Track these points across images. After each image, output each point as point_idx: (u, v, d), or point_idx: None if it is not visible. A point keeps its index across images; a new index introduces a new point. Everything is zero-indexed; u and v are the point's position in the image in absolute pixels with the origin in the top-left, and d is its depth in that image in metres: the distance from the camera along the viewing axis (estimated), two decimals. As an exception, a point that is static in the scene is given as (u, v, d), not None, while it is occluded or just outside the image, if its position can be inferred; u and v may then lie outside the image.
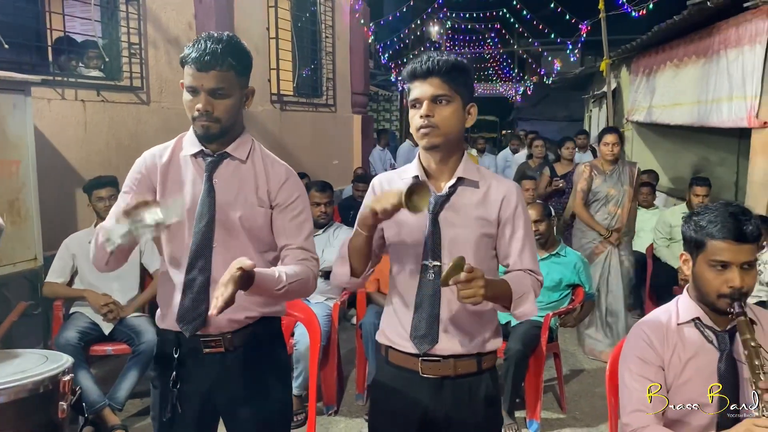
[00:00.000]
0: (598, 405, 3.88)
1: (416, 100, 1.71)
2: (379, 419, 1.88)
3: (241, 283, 1.54)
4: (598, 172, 4.78)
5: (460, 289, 1.53)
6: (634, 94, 8.80)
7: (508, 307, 1.71)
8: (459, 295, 1.54)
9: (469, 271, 1.51)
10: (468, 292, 1.53)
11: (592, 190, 4.75)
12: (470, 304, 1.57)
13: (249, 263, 1.53)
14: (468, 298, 1.53)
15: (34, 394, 1.68)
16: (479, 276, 1.53)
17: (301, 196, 1.89)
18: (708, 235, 1.65)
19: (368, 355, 3.72)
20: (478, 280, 1.53)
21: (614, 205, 4.72)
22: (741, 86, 5.69)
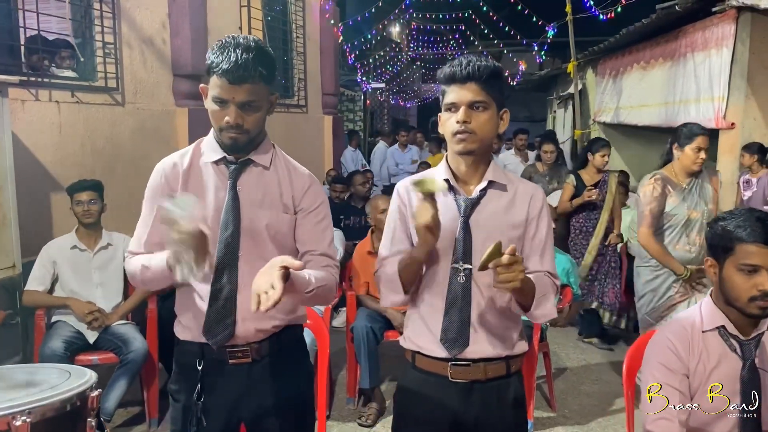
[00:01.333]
0: (586, 403, 3.95)
1: (453, 104, 1.70)
2: (407, 426, 1.86)
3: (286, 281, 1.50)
4: (672, 186, 3.46)
5: (501, 272, 1.51)
6: (601, 95, 9.00)
7: (528, 307, 1.72)
8: (498, 279, 1.53)
9: (511, 253, 1.51)
10: (508, 275, 1.51)
11: (666, 213, 3.46)
12: (506, 289, 1.56)
13: (297, 263, 1.49)
14: (507, 282, 1.52)
15: (62, 412, 1.61)
16: (520, 260, 1.53)
17: (324, 202, 1.86)
18: (737, 239, 1.67)
19: (359, 359, 3.70)
20: (519, 265, 1.53)
21: (698, 233, 3.44)
22: (708, 88, 5.88)
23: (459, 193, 1.76)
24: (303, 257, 1.82)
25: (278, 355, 1.82)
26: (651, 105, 7.26)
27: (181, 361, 1.83)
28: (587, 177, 4.90)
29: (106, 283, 3.56)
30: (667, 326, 1.84)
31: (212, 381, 1.77)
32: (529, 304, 1.70)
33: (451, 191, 1.77)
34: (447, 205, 1.75)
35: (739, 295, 1.68)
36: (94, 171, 4.33)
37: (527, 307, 1.71)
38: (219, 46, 1.67)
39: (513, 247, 1.52)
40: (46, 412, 1.59)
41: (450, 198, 1.76)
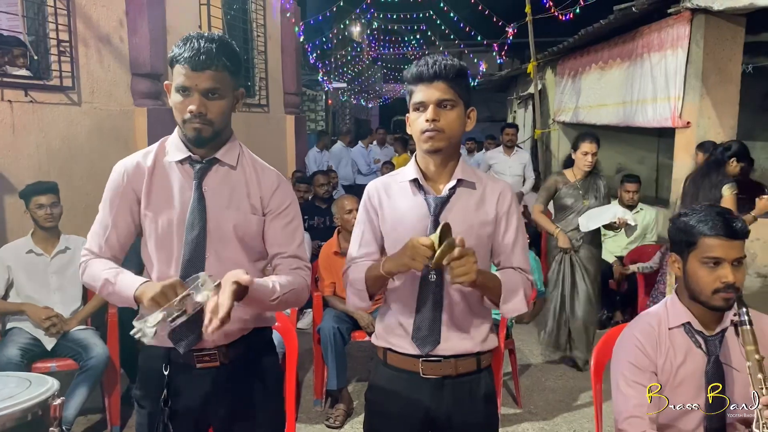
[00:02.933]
0: (551, 399, 3.99)
1: (421, 103, 1.71)
2: (378, 423, 1.86)
3: (237, 297, 1.49)
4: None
5: (454, 267, 1.52)
6: (561, 95, 9.13)
7: (498, 302, 1.73)
8: (452, 273, 1.53)
9: (461, 245, 1.52)
10: (461, 269, 1.53)
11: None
12: (463, 283, 1.56)
13: (246, 278, 1.47)
14: (461, 276, 1.53)
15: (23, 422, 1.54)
16: (471, 252, 1.54)
17: (294, 202, 1.84)
18: (699, 233, 1.71)
19: (327, 360, 3.67)
20: (470, 257, 1.54)
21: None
22: (664, 88, 6.01)
23: (428, 192, 1.76)
24: (273, 259, 1.80)
25: (246, 358, 1.79)
26: (609, 105, 7.39)
27: (147, 366, 1.78)
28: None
29: (65, 288, 3.45)
30: (635, 324, 1.87)
31: (179, 386, 1.74)
32: (497, 299, 1.70)
33: (420, 190, 1.77)
34: (417, 204, 1.76)
35: (703, 289, 1.72)
36: (50, 173, 4.20)
37: (496, 302, 1.71)
38: (183, 39, 1.65)
39: (461, 239, 1.53)
40: (6, 422, 1.52)
41: (419, 197, 1.77)
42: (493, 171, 6.83)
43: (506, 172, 6.85)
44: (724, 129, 5.68)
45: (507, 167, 6.91)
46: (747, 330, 1.62)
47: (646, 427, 1.70)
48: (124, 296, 1.61)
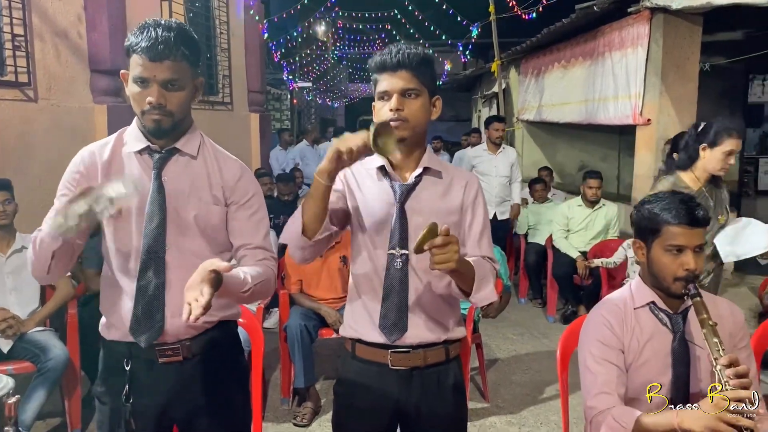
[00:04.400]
0: (518, 392, 4.03)
1: (385, 92, 1.70)
2: (347, 416, 1.84)
3: (216, 285, 1.44)
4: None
5: (435, 253, 1.50)
6: (524, 94, 9.23)
7: (469, 292, 1.72)
8: (433, 260, 1.51)
9: (445, 233, 1.51)
10: (443, 256, 1.50)
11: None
12: (443, 270, 1.54)
13: (225, 266, 1.43)
14: (442, 263, 1.51)
15: (-25, 422, 1.48)
16: (455, 240, 1.53)
17: (257, 193, 1.81)
18: (663, 221, 1.74)
19: (293, 358, 3.64)
20: (454, 245, 1.52)
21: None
22: (626, 86, 6.12)
23: (394, 180, 1.75)
24: (238, 251, 1.77)
25: (211, 352, 1.75)
26: (572, 103, 7.49)
27: (108, 362, 1.74)
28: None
29: (21, 288, 3.35)
30: (601, 305, 1.90)
31: (141, 381, 1.69)
32: (469, 288, 1.70)
33: (386, 177, 1.76)
34: (383, 190, 1.75)
35: (665, 275, 1.75)
36: (4, 170, 4.06)
37: (468, 290, 1.71)
38: (139, 26, 1.60)
39: (447, 228, 1.51)
40: (-44, 423, 1.46)
41: (385, 184, 1.76)
42: (476, 172, 5.81)
43: (492, 172, 5.97)
44: (683, 126, 5.78)
45: (493, 167, 5.98)
46: (698, 301, 1.67)
47: (614, 402, 1.72)
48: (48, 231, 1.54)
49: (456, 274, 1.64)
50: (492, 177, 5.95)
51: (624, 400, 1.76)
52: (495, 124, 6.09)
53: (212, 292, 1.40)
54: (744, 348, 1.80)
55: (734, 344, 1.78)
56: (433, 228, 1.50)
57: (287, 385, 3.79)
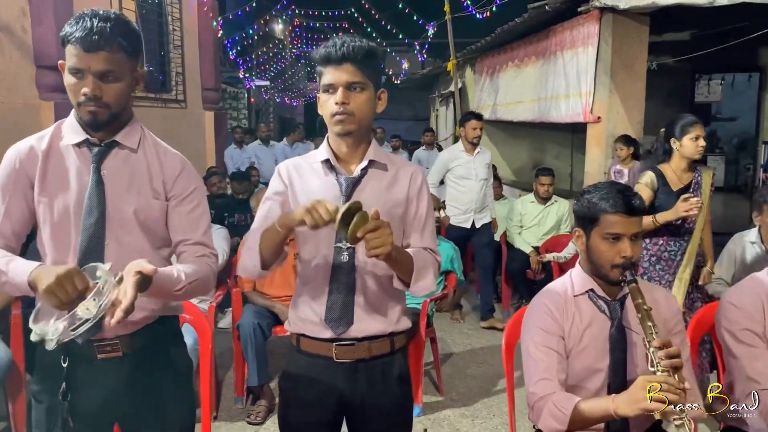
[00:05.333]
0: (472, 385, 4.07)
1: (330, 85, 1.70)
2: (293, 410, 1.84)
3: (140, 287, 1.43)
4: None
5: (369, 239, 1.51)
6: (480, 92, 9.33)
7: (408, 282, 1.73)
8: (368, 246, 1.52)
9: (375, 217, 1.51)
10: (377, 240, 1.51)
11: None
12: (379, 255, 1.54)
13: (150, 268, 1.42)
14: (377, 248, 1.51)
15: None
16: (386, 224, 1.54)
17: (198, 187, 1.79)
18: (601, 210, 1.79)
19: (247, 357, 3.60)
20: (386, 228, 1.53)
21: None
22: (576, 85, 6.24)
23: (340, 173, 1.76)
24: (177, 247, 1.75)
25: (152, 348, 1.73)
26: (525, 101, 7.61)
27: (44, 358, 1.69)
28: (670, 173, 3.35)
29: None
30: (542, 294, 1.94)
31: (79, 378, 1.65)
32: (408, 278, 1.71)
33: (332, 171, 1.76)
34: (329, 184, 1.75)
35: (604, 262, 1.80)
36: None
37: (407, 280, 1.72)
38: (76, 16, 1.57)
39: (376, 211, 1.52)
40: None
41: (331, 178, 1.76)
42: (453, 177, 5.31)
43: (471, 175, 5.25)
44: (632, 124, 5.96)
45: (472, 169, 5.25)
46: (634, 287, 1.72)
47: (555, 388, 1.76)
48: (18, 283, 1.51)
49: (393, 263, 1.65)
50: (472, 181, 5.27)
51: (565, 386, 1.80)
52: (472, 122, 5.20)
53: (135, 295, 1.39)
54: (678, 333, 1.87)
55: (669, 329, 1.84)
56: (363, 215, 1.50)
57: (241, 384, 3.75)
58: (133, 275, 1.41)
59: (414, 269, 1.70)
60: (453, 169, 5.29)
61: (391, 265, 1.67)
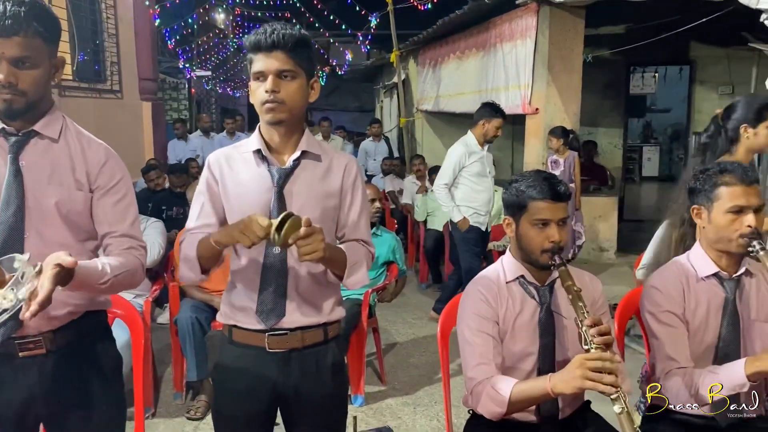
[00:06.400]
0: (414, 374, 4.11)
1: (260, 73, 1.67)
2: (226, 401, 1.82)
3: (58, 280, 1.38)
4: None
5: (301, 245, 1.51)
6: (423, 84, 9.38)
7: (341, 276, 1.74)
8: (299, 252, 1.52)
9: (307, 224, 1.51)
10: (308, 248, 1.52)
11: None
12: (311, 260, 1.55)
13: (70, 260, 1.36)
14: (309, 254, 1.52)
15: None
16: (318, 230, 1.54)
17: (124, 178, 1.73)
18: (529, 197, 1.84)
19: (185, 352, 3.54)
20: (318, 235, 1.53)
21: None
22: (516, 76, 6.34)
23: (272, 164, 1.74)
24: (103, 239, 1.69)
25: (78, 344, 1.67)
26: (467, 93, 7.69)
27: None
28: None
29: None
30: (476, 281, 1.97)
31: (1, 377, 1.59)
32: (341, 272, 1.71)
33: (264, 161, 1.74)
34: (260, 175, 1.73)
35: (533, 248, 1.85)
36: None
37: (340, 275, 1.72)
38: None
39: (308, 219, 1.52)
40: None
41: (263, 168, 1.74)
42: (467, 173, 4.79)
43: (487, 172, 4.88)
44: (569, 115, 6.11)
45: (487, 166, 4.90)
46: (563, 270, 1.77)
47: (492, 372, 1.80)
48: None
49: (326, 262, 1.66)
50: (488, 179, 4.89)
51: (501, 369, 1.84)
52: (498, 121, 4.74)
53: (52, 288, 1.34)
54: (604, 314, 1.94)
55: (596, 310, 1.91)
56: (296, 221, 1.50)
57: (180, 379, 3.68)
58: (51, 268, 1.36)
59: (347, 265, 1.70)
60: (468, 166, 4.80)
61: (325, 264, 1.68)
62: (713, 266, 1.95)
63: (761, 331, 1.90)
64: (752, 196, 1.85)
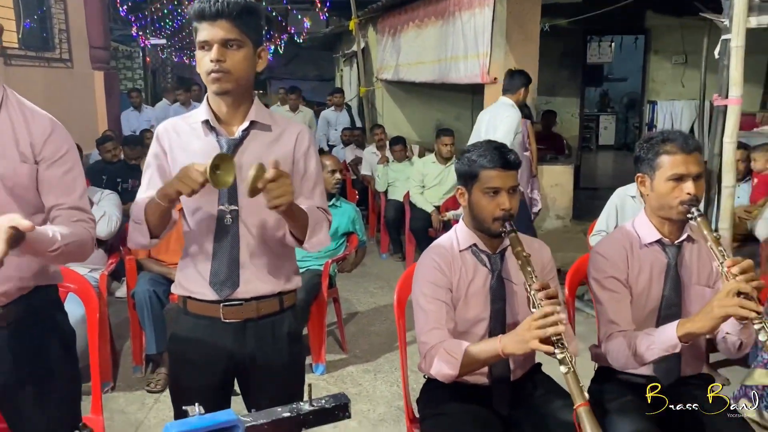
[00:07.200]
0: (375, 342, 4.17)
1: (205, 42, 1.64)
2: (182, 372, 1.83)
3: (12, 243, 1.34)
4: None
5: (271, 188, 1.50)
6: (382, 53, 9.30)
7: (302, 239, 1.74)
8: (269, 196, 1.51)
9: (275, 166, 1.50)
10: (279, 190, 1.50)
11: None
12: (280, 206, 1.54)
13: (27, 224, 1.33)
14: (278, 197, 1.51)
15: None
16: (286, 174, 1.54)
17: (71, 149, 1.69)
18: (480, 166, 1.87)
19: (144, 325, 3.52)
20: (286, 178, 1.53)
21: None
22: (474, 45, 6.34)
23: (221, 134, 1.72)
24: (51, 212, 1.66)
25: (29, 320, 1.65)
26: (426, 62, 7.65)
27: None
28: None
29: None
30: (430, 249, 2.01)
31: None
32: (302, 234, 1.72)
33: (212, 132, 1.72)
34: (209, 146, 1.71)
35: (485, 216, 1.89)
36: None
37: (301, 237, 1.72)
38: None
39: (275, 161, 1.51)
40: None
41: (212, 138, 1.72)
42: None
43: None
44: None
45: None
46: (513, 236, 1.82)
47: (445, 337, 1.85)
48: None
49: (290, 216, 1.64)
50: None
51: (453, 335, 1.89)
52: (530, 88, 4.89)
53: (6, 250, 1.31)
54: (552, 279, 2.00)
55: (545, 275, 1.97)
56: (261, 167, 1.49)
57: (139, 353, 3.67)
58: (5, 231, 1.32)
59: (309, 225, 1.70)
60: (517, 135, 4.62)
61: (288, 218, 1.66)
62: (656, 233, 2.02)
63: (700, 295, 1.98)
64: (692, 164, 1.90)
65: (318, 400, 1.25)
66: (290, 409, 1.22)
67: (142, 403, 3.35)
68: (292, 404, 1.23)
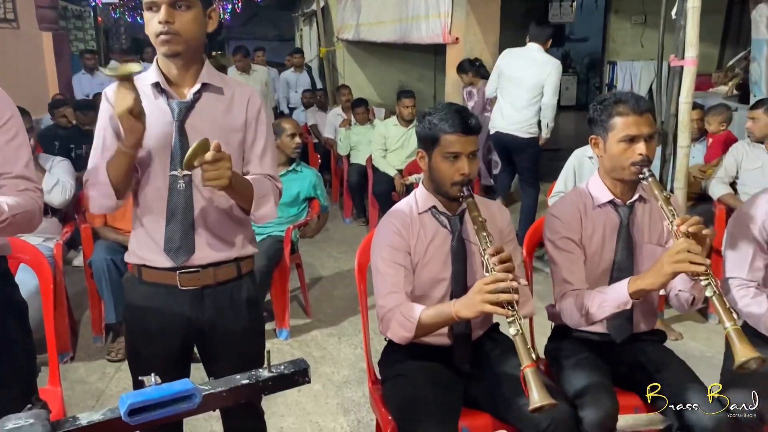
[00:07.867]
0: (339, 306, 4.19)
1: (152, 3, 1.59)
2: (140, 342, 1.81)
3: None
4: None
5: (207, 170, 1.49)
6: (342, 12, 9.13)
7: (249, 210, 1.72)
8: (204, 177, 1.50)
9: (216, 149, 1.48)
10: (214, 173, 1.49)
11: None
12: (215, 187, 1.53)
13: None
14: (213, 180, 1.50)
15: None
16: (227, 157, 1.51)
17: (15, 116, 1.62)
18: (441, 130, 1.86)
19: (102, 294, 3.46)
20: (225, 162, 1.51)
21: None
22: (435, 5, 6.28)
23: (172, 97, 1.67)
24: None
25: None
26: (387, 22, 7.56)
27: None
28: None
29: None
30: (390, 213, 2.01)
31: None
32: (248, 206, 1.70)
33: (163, 94, 1.67)
34: (160, 109, 1.67)
35: (445, 181, 1.89)
36: None
37: (247, 209, 1.71)
38: None
39: (217, 143, 1.49)
40: None
41: (162, 101, 1.67)
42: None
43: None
44: (488, 45, 6.12)
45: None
46: (470, 202, 1.83)
47: (402, 300, 1.86)
48: None
49: (232, 192, 1.63)
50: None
51: (411, 297, 1.91)
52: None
53: None
54: (511, 241, 2.02)
55: (503, 239, 1.99)
56: (204, 143, 1.46)
57: (98, 322, 3.62)
58: None
59: (254, 198, 1.68)
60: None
61: (230, 194, 1.65)
62: (609, 194, 2.05)
63: (652, 253, 2.03)
64: (644, 126, 1.92)
65: (277, 366, 1.25)
66: (249, 376, 1.22)
67: (103, 373, 3.32)
68: (251, 371, 1.22)
